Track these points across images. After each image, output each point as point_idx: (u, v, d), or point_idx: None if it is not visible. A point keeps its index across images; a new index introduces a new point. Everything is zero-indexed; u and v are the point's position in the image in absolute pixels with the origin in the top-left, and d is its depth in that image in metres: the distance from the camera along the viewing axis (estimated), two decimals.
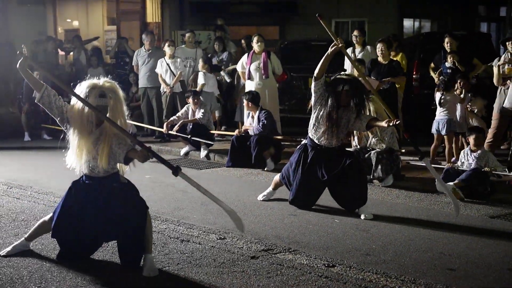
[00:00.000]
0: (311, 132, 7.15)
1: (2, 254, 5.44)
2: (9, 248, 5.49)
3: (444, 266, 5.42)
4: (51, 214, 5.35)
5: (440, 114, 9.59)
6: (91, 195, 5.18)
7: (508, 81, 8.81)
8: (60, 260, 5.34)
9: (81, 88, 5.10)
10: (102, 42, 19.35)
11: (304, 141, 7.46)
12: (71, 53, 15.96)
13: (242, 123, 11.42)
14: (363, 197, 7.13)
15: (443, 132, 9.55)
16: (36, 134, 13.67)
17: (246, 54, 11.71)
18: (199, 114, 11.07)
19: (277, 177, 7.74)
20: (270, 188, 7.91)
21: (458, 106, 9.59)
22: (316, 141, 7.12)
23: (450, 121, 9.48)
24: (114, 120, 5.00)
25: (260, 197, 7.87)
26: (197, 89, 12.12)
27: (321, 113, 6.95)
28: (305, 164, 7.18)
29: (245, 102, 10.34)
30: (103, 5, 20.63)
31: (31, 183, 8.74)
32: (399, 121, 6.59)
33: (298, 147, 7.52)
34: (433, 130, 9.74)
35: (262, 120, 10.03)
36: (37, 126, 13.65)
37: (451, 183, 7.76)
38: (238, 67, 11.78)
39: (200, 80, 12.32)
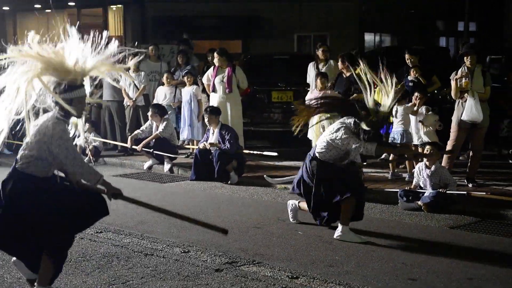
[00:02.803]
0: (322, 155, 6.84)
1: None
2: None
3: (405, 276, 5.51)
4: None
5: (396, 125, 9.78)
6: None
7: (465, 94, 9.01)
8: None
9: None
10: None
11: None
12: None
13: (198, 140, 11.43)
14: (362, 211, 6.96)
15: (398, 142, 9.77)
16: None
17: (212, 67, 11.76)
18: (160, 128, 11.06)
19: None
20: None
21: (412, 118, 9.74)
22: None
23: (405, 133, 9.66)
24: None
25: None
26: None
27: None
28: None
29: (205, 116, 10.34)
30: (64, 18, 20.51)
31: None
32: None
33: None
34: (390, 141, 9.94)
35: (228, 139, 10.04)
36: None
37: (418, 202, 7.99)
38: (204, 79, 11.80)
39: (160, 94, 12.31)
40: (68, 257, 5.62)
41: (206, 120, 10.38)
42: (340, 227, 6.66)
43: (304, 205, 7.13)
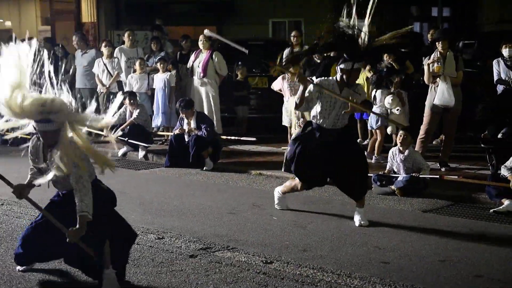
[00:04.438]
0: (316, 121, 6.76)
1: None
2: None
3: (378, 260, 5.56)
4: None
5: (374, 109, 9.86)
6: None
7: (438, 79, 9.07)
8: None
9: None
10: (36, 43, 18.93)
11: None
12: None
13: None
14: (365, 186, 6.95)
15: (374, 126, 9.88)
16: None
17: (194, 52, 11.78)
18: (134, 114, 10.99)
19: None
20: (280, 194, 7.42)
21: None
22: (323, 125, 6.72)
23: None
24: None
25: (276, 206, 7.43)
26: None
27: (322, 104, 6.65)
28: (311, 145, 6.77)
29: (181, 113, 10.22)
30: (36, 4, 20.20)
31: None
32: None
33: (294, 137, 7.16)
34: (368, 125, 10.09)
35: (204, 126, 9.98)
36: None
37: (392, 187, 8.07)
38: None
39: (132, 81, 12.18)
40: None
41: (182, 115, 10.26)
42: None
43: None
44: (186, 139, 10.08)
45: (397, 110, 9.61)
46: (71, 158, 4.56)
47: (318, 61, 10.74)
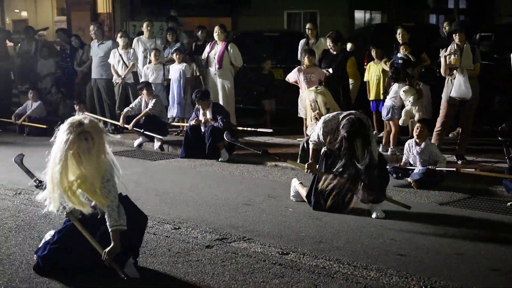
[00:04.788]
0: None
1: None
2: None
3: (394, 252, 5.55)
4: None
5: (387, 100, 9.91)
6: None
7: (454, 71, 9.02)
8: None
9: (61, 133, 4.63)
10: (52, 33, 19.05)
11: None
12: (19, 44, 15.66)
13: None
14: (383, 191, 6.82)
15: (384, 118, 9.93)
16: None
17: (210, 43, 11.80)
18: (150, 105, 11.02)
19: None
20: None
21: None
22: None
23: (391, 108, 9.78)
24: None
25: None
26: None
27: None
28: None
29: (197, 104, 10.24)
30: None
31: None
32: None
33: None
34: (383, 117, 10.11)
35: (220, 118, 9.99)
36: None
37: (408, 179, 8.06)
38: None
39: (148, 72, 12.19)
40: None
41: (198, 106, 10.26)
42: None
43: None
44: (202, 130, 10.09)
45: (409, 101, 9.58)
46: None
47: (334, 53, 10.71)
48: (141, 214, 5.18)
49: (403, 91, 9.64)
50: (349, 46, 12.26)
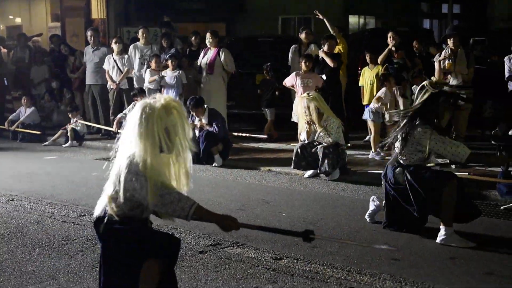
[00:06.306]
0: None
1: None
2: None
3: (388, 257, 5.53)
4: None
5: (372, 103, 9.92)
6: None
7: (449, 75, 9.04)
8: None
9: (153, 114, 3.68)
10: (46, 39, 19.01)
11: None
12: (12, 51, 15.64)
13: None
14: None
15: (364, 117, 10.05)
16: None
17: (203, 49, 11.82)
18: None
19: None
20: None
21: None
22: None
23: (375, 111, 9.78)
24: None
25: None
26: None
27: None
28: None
29: (191, 111, 10.12)
30: (46, 1, 20.27)
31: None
32: None
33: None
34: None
35: (216, 123, 9.97)
36: None
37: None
38: (199, 60, 11.69)
39: (147, 77, 12.18)
40: (51, 240, 5.62)
41: (193, 113, 10.19)
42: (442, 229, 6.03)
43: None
44: (197, 134, 10.07)
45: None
46: None
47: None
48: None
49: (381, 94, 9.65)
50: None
